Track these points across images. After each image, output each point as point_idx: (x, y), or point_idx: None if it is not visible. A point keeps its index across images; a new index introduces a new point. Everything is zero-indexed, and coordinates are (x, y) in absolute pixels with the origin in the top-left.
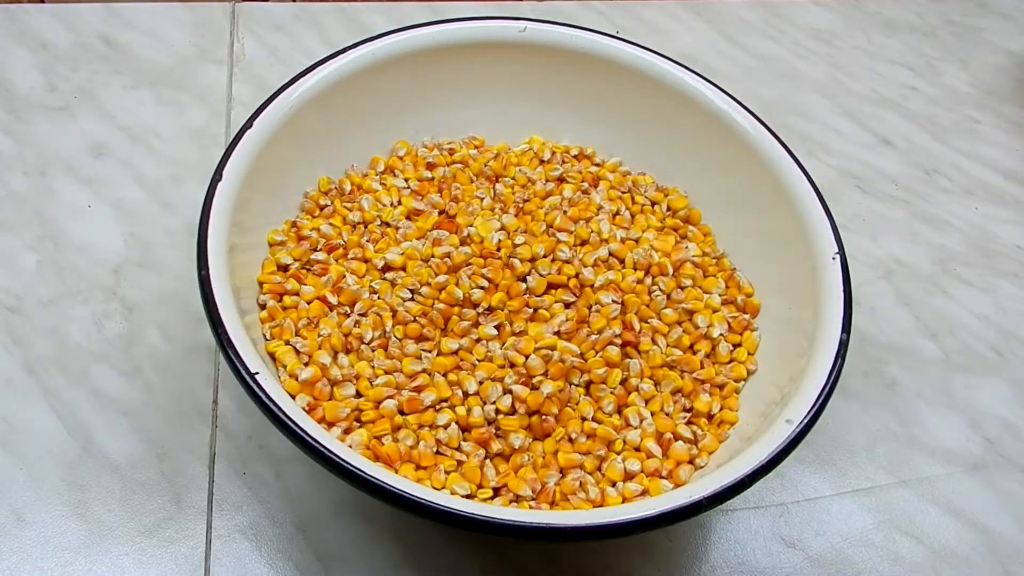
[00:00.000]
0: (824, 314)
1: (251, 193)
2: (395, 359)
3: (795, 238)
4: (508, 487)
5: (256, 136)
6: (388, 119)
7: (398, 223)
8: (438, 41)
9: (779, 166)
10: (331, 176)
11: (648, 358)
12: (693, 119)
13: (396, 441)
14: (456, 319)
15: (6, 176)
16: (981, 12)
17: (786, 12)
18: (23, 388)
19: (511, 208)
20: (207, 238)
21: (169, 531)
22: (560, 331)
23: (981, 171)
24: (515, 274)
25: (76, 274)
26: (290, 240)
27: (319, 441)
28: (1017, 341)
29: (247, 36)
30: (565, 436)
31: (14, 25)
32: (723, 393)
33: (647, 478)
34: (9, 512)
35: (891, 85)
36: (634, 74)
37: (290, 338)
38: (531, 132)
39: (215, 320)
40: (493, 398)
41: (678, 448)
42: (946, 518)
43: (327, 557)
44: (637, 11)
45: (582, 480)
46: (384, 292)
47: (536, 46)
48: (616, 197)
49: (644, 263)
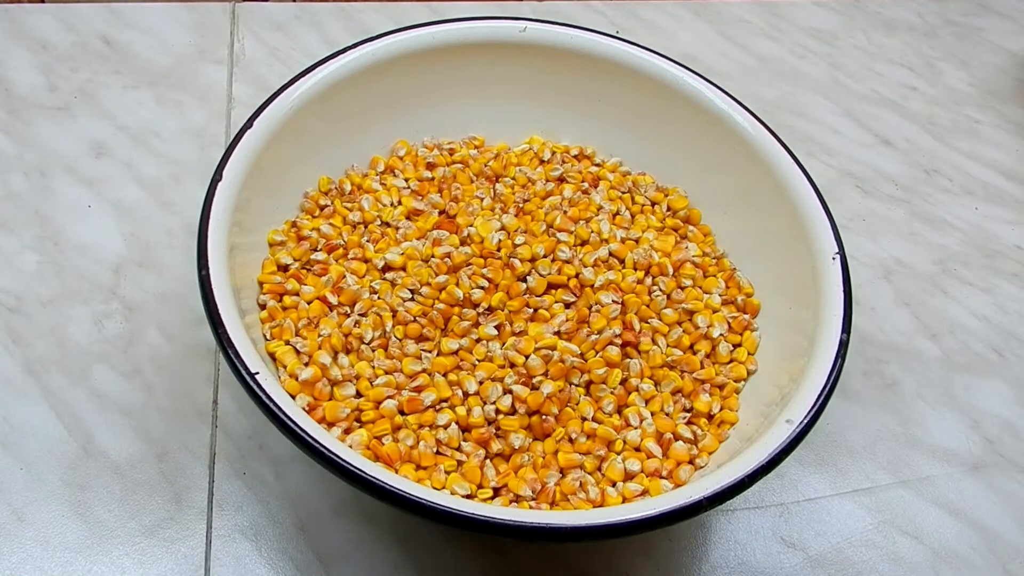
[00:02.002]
0: (824, 314)
1: (251, 193)
2: (395, 359)
3: (795, 238)
4: (508, 487)
5: (256, 136)
6: (388, 119)
7: (398, 223)
8: (438, 41)
9: (779, 166)
10: (331, 176)
11: (648, 358)
12: (693, 119)
13: (396, 441)
14: (456, 319)
15: (6, 176)
16: (981, 12)
17: (786, 12)
18: (23, 388)
19: (511, 208)
20: (207, 238)
21: (169, 531)
22: (560, 331)
23: (981, 171)
24: (515, 274)
25: (76, 274)
26: (290, 240)
27: (319, 441)
28: (1017, 341)
29: (247, 36)
30: (565, 436)
31: (14, 25)
32: (723, 393)
33: (647, 478)
34: (9, 512)
35: (891, 85)
36: (634, 74)
37: (290, 338)
38: (531, 132)
39: (215, 320)
40: (493, 398)
41: (678, 448)
42: (946, 518)
43: (327, 557)
44: (637, 11)
45: (582, 480)
46: (384, 292)
47: (536, 46)
48: (616, 197)
49: (644, 263)
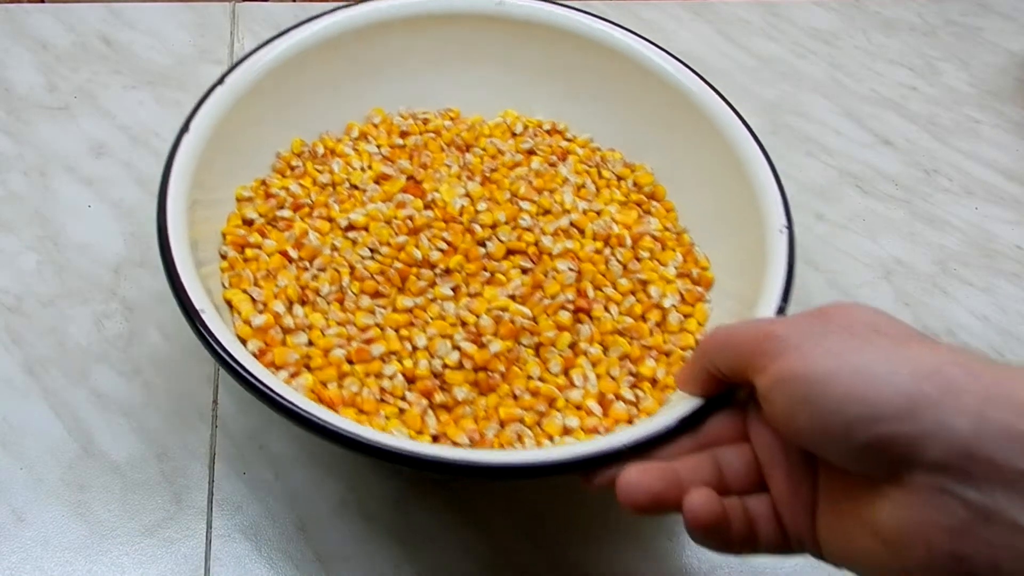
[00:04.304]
0: (766, 283)
1: (219, 148)
2: (349, 312)
3: (750, 214)
4: (447, 435)
5: (227, 93)
6: (365, 88)
7: (366, 186)
8: (417, 11)
9: (739, 144)
10: (306, 140)
11: (599, 324)
12: (662, 97)
13: (341, 388)
14: (413, 279)
15: (6, 176)
16: (981, 12)
17: (786, 12)
18: (23, 388)
19: (477, 176)
20: (169, 184)
21: (169, 531)
22: (514, 295)
23: (981, 171)
24: (475, 239)
25: (76, 274)
26: (258, 197)
27: (251, 372)
28: (1017, 341)
29: (247, 36)
30: (509, 393)
31: (14, 25)
32: (669, 360)
33: (585, 434)
34: (9, 512)
35: (891, 85)
36: (607, 52)
37: (248, 287)
38: (506, 106)
39: (166, 256)
40: (441, 353)
41: (618, 408)
42: None
43: (327, 557)
44: (636, 11)
45: (520, 433)
46: (345, 250)
47: (513, 20)
48: (583, 171)
49: (603, 234)
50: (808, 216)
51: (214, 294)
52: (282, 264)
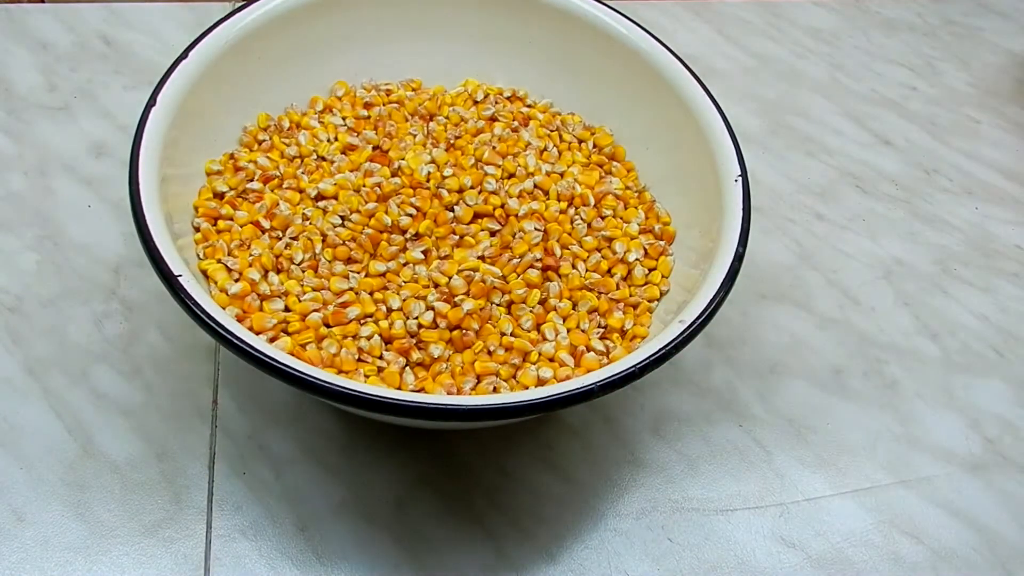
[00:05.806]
0: (724, 229)
1: (186, 122)
2: (324, 278)
3: (706, 167)
4: (425, 391)
5: (192, 66)
6: (328, 61)
7: (333, 157)
8: None
9: (692, 99)
10: (271, 114)
11: (567, 281)
12: (616, 59)
13: (320, 349)
14: (385, 244)
15: (6, 176)
16: (981, 12)
17: (786, 12)
18: (23, 388)
19: (442, 144)
20: (139, 155)
21: (169, 531)
22: (484, 255)
23: (981, 171)
24: (443, 203)
25: (76, 274)
26: (227, 171)
27: (224, 326)
28: (1017, 341)
29: None
30: (484, 349)
31: (14, 25)
32: (636, 312)
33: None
34: (9, 512)
35: (891, 85)
36: (561, 16)
37: (222, 257)
38: (467, 75)
39: (141, 225)
40: (416, 314)
41: (589, 358)
42: (946, 518)
43: (327, 557)
44: (636, 10)
45: (496, 385)
46: (316, 218)
47: None
48: (545, 135)
49: (567, 195)
50: (808, 216)
51: (190, 265)
52: (255, 234)
